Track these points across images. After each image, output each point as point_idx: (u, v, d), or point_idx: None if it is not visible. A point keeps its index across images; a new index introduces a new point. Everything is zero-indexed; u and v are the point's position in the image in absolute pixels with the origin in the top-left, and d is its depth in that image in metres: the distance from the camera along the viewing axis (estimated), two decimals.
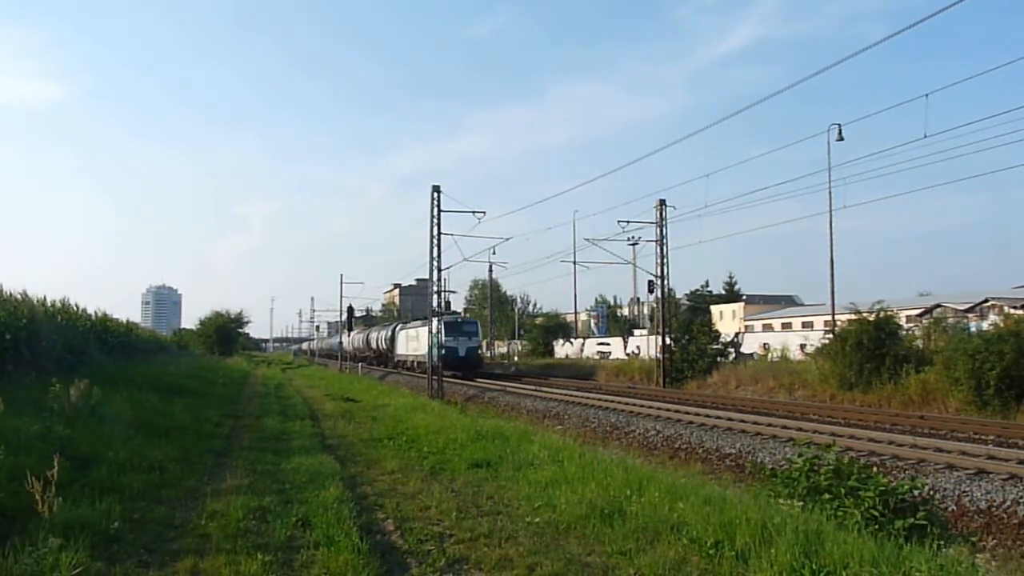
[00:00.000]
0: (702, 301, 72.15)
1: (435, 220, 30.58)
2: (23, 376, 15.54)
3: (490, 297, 74.60)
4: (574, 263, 35.37)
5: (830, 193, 28.08)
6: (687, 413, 17.68)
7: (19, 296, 19.50)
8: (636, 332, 61.61)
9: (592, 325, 79.29)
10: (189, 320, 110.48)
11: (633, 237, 33.16)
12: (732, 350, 35.27)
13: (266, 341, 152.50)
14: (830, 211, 28.68)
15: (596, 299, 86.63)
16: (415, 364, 44.82)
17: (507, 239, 49.59)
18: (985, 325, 26.42)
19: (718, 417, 16.54)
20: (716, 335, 35.23)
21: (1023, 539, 8.33)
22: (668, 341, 33.34)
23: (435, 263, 30.79)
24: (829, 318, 31.68)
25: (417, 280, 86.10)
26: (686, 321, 41.84)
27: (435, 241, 30.58)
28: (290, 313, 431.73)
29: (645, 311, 70.14)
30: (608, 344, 56.39)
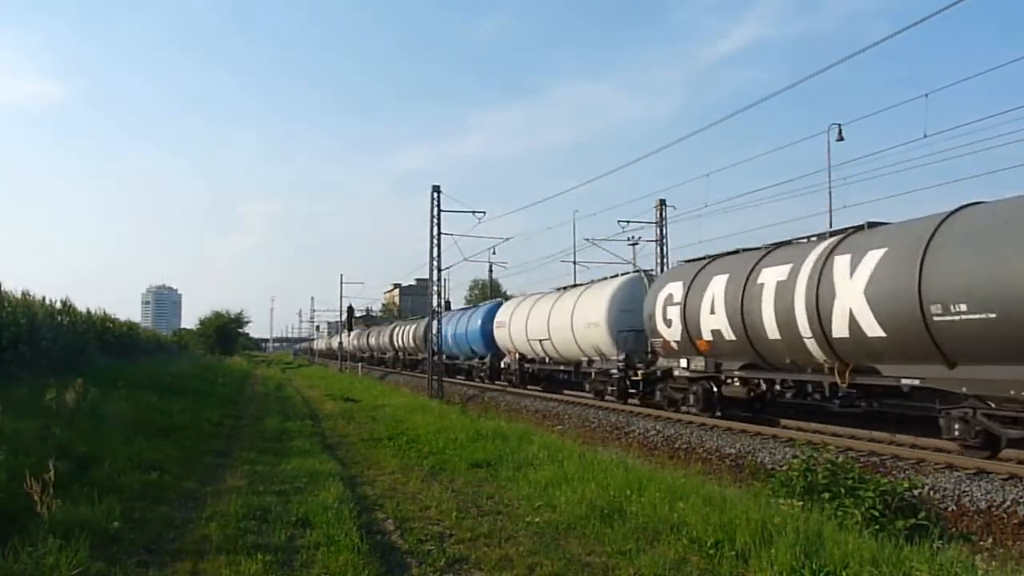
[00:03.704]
0: None
1: (435, 220, 30.56)
2: (23, 376, 15.55)
3: (489, 297, 74.53)
4: (574, 263, 35.18)
5: (830, 193, 27.96)
6: (687, 413, 17.67)
7: (19, 296, 19.52)
8: None
9: None
10: (189, 320, 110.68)
11: (633, 237, 32.98)
12: None
13: (266, 341, 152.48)
14: (830, 211, 28.54)
15: None
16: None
17: (507, 239, 49.33)
18: None
19: (718, 417, 16.52)
20: None
21: (1023, 539, 8.33)
22: None
23: (435, 263, 30.76)
24: None
25: (417, 280, 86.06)
26: None
27: (435, 241, 30.56)
28: (290, 313, 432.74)
29: None
30: None
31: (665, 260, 30.94)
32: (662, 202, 31.62)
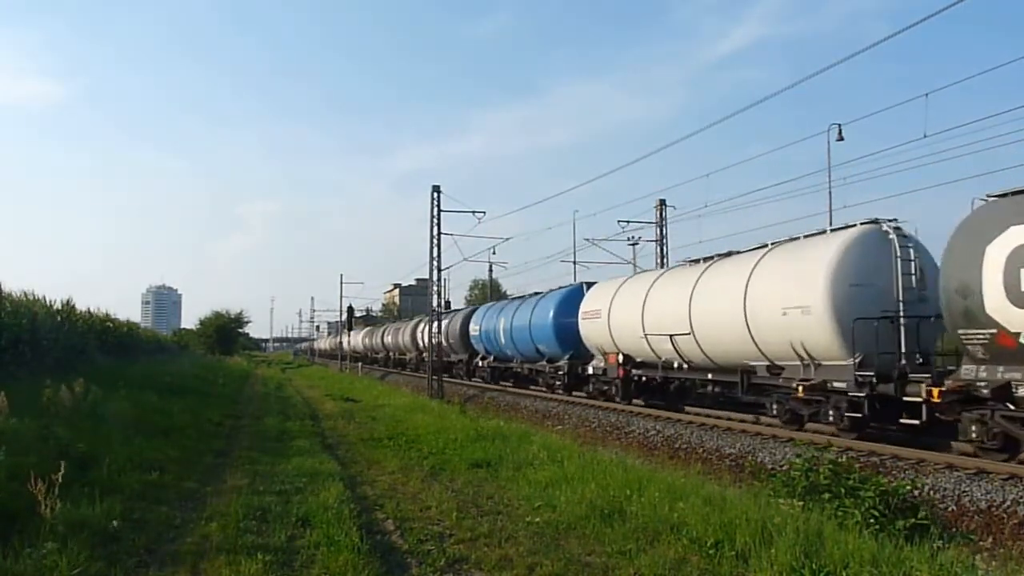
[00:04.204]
0: None
1: (435, 220, 30.59)
2: (24, 375, 15.54)
3: (489, 297, 74.54)
4: (574, 263, 35.15)
5: (830, 193, 27.92)
6: (687, 413, 17.68)
7: (21, 296, 19.53)
8: None
9: None
10: (189, 320, 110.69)
11: (633, 237, 32.95)
12: None
13: (266, 341, 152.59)
14: (830, 211, 28.53)
15: None
16: None
17: (507, 239, 49.32)
18: None
19: (718, 417, 16.52)
20: None
21: (1022, 538, 8.33)
22: None
23: (435, 263, 30.79)
24: None
25: (417, 280, 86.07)
26: None
27: (435, 241, 30.59)
28: (290, 313, 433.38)
29: None
30: None
31: (665, 260, 30.96)
32: (662, 202, 31.62)
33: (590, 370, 21.64)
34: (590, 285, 23.32)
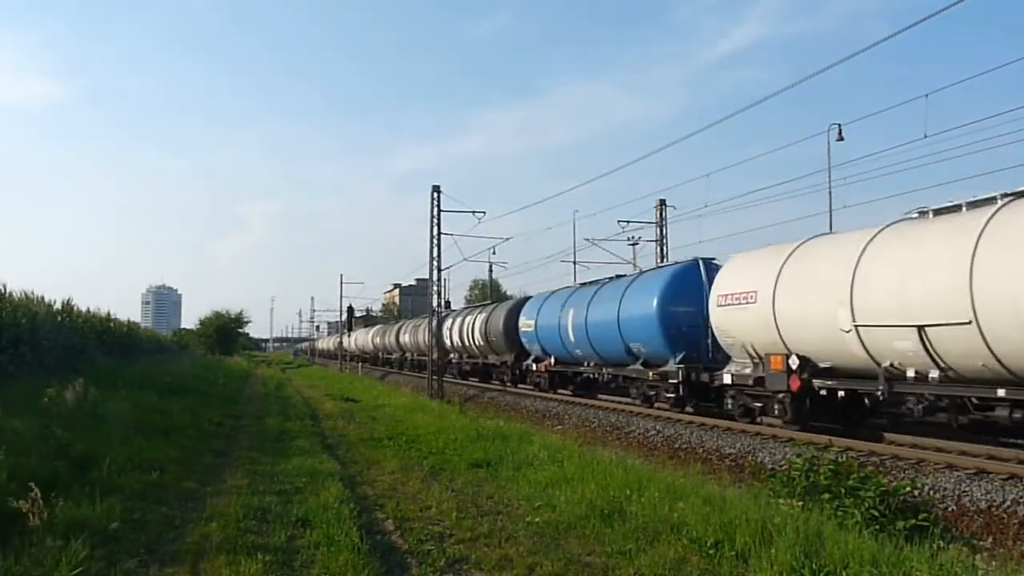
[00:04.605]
0: None
1: (435, 220, 30.57)
2: (24, 376, 15.55)
3: (489, 297, 74.50)
4: (574, 263, 35.12)
5: (830, 193, 27.92)
6: (687, 413, 17.66)
7: (21, 296, 19.52)
8: None
9: None
10: (189, 320, 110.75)
11: (633, 237, 32.93)
12: None
13: (266, 341, 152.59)
14: (830, 211, 28.51)
15: None
16: None
17: (507, 239, 49.26)
18: None
19: (718, 417, 16.51)
20: None
21: (1023, 539, 8.33)
22: None
23: (435, 263, 30.77)
24: None
25: (417, 280, 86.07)
26: None
27: (435, 241, 30.57)
28: (290, 313, 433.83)
29: None
30: None
31: (665, 260, 30.92)
32: (662, 202, 31.64)
33: (727, 379, 15.23)
34: (709, 262, 17.39)
